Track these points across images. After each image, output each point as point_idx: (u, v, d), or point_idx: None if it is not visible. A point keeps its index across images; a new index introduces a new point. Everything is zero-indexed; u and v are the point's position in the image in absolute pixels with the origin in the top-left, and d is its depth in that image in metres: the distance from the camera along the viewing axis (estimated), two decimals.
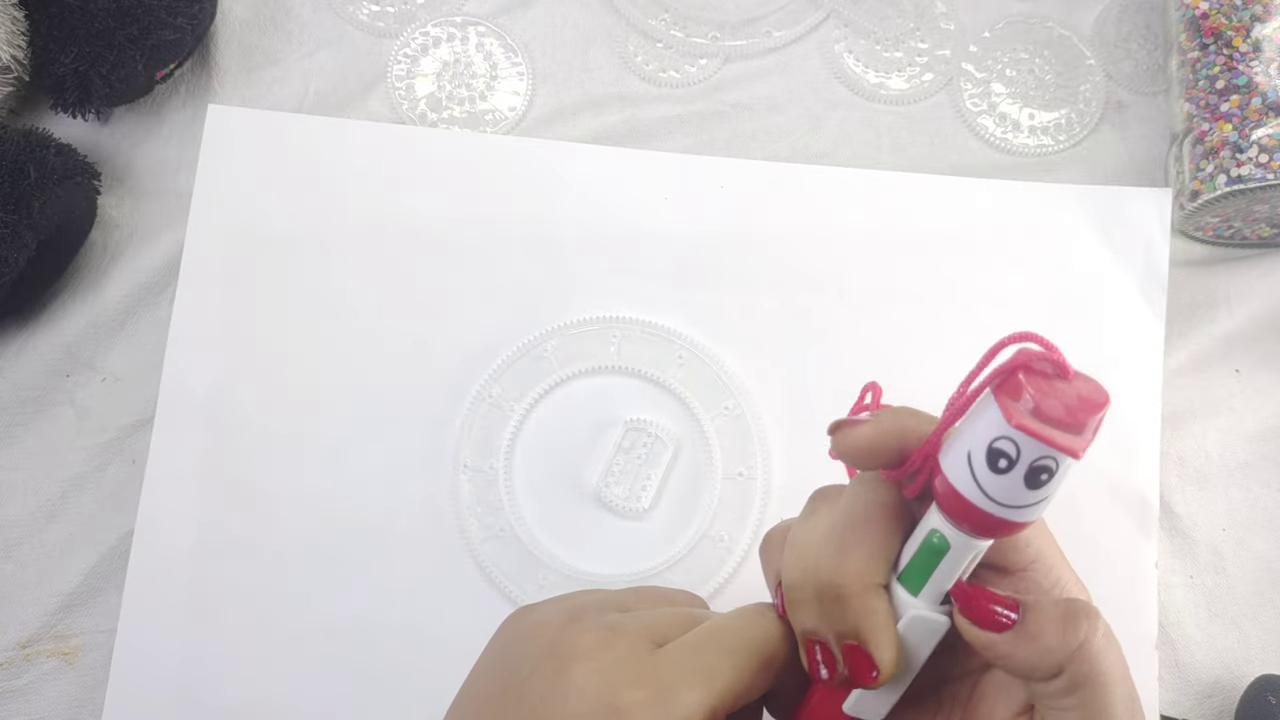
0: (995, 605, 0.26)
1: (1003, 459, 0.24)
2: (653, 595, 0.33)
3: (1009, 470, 0.24)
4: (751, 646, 0.29)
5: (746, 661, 0.29)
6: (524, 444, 0.43)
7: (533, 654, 0.30)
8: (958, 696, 0.30)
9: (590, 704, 0.28)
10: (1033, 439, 0.23)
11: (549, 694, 0.29)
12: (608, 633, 0.29)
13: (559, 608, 0.31)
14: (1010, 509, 0.24)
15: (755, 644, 0.29)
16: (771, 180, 0.46)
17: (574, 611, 0.31)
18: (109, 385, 0.44)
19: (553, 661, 0.29)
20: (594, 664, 0.29)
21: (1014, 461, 0.24)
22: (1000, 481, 0.24)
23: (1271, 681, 0.40)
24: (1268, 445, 0.44)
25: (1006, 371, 0.24)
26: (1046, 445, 0.23)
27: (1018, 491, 0.24)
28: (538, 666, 0.29)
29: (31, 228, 0.41)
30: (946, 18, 0.49)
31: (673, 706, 0.28)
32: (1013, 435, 0.23)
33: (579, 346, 0.44)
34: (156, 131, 0.47)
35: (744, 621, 0.30)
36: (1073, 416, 0.23)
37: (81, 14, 0.43)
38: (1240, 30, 0.42)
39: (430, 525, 0.42)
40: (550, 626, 0.30)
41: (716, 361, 0.44)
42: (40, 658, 0.41)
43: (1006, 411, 0.23)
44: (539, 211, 0.45)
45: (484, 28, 0.48)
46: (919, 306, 0.45)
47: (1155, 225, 0.45)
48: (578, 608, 0.31)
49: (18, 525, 0.43)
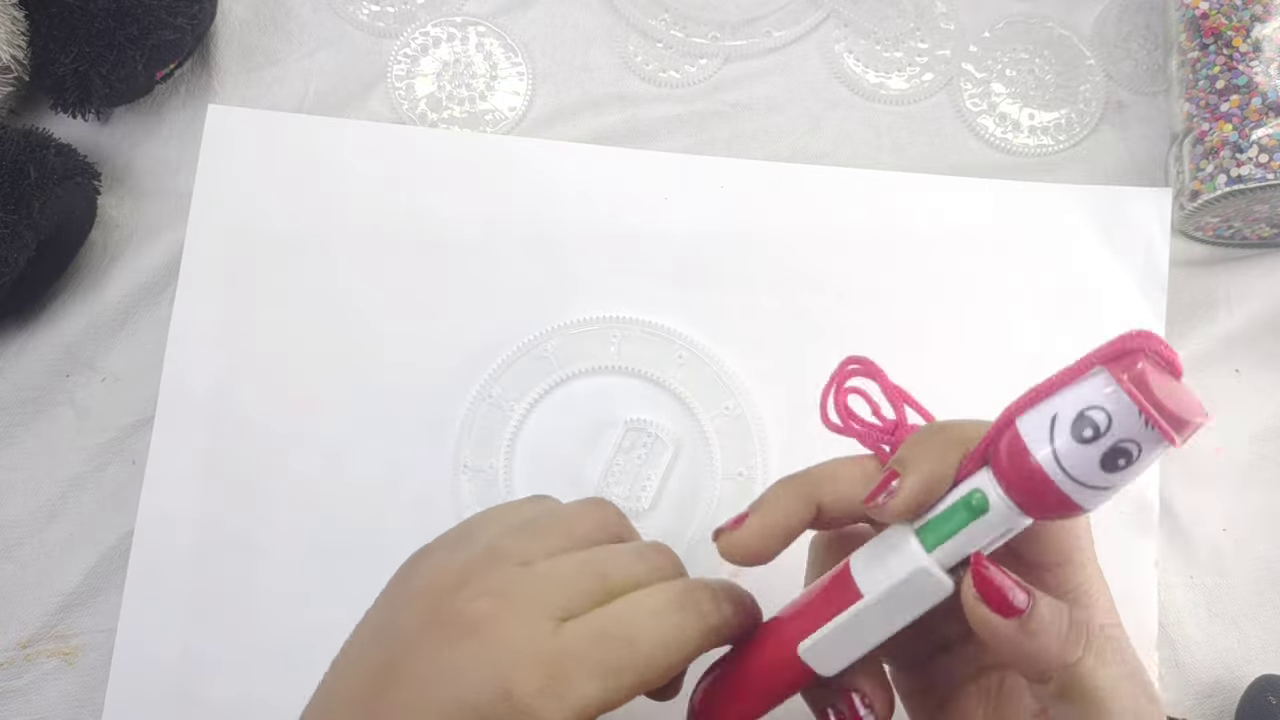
0: (1012, 588, 0.25)
1: (1090, 428, 0.23)
2: (584, 517, 0.30)
3: (1092, 441, 0.23)
4: (660, 641, 0.26)
5: (652, 657, 0.26)
6: (524, 444, 0.43)
7: (418, 625, 0.27)
8: (989, 689, 0.29)
9: (478, 689, 0.25)
10: (1136, 407, 0.22)
11: (433, 674, 0.26)
12: (501, 601, 0.27)
13: (452, 564, 0.29)
14: (1076, 486, 0.23)
15: (665, 639, 0.26)
16: (771, 180, 0.46)
17: (465, 571, 0.28)
18: (109, 385, 0.44)
19: (439, 634, 0.27)
20: (483, 641, 0.26)
21: (1100, 434, 0.23)
22: (1079, 452, 0.23)
23: (1271, 681, 0.40)
24: (1268, 445, 0.44)
25: (1120, 352, 0.23)
26: (1149, 418, 0.22)
27: (1091, 469, 0.23)
28: (422, 639, 0.27)
29: (31, 228, 0.41)
30: (946, 18, 0.49)
31: (569, 699, 0.25)
32: (1109, 406, 0.23)
33: (579, 346, 0.44)
34: (156, 131, 0.47)
35: (659, 610, 0.27)
36: (1178, 409, 0.22)
37: (81, 14, 0.43)
38: (1240, 30, 0.42)
39: (430, 525, 0.42)
40: (438, 591, 0.28)
41: (716, 361, 0.44)
42: (40, 658, 0.41)
43: (1118, 377, 0.22)
44: (539, 211, 0.45)
45: (484, 28, 0.48)
46: (919, 306, 0.45)
47: (1155, 225, 0.45)
48: (470, 566, 0.28)
49: (18, 525, 0.43)
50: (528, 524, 0.30)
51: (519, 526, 0.30)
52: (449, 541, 0.30)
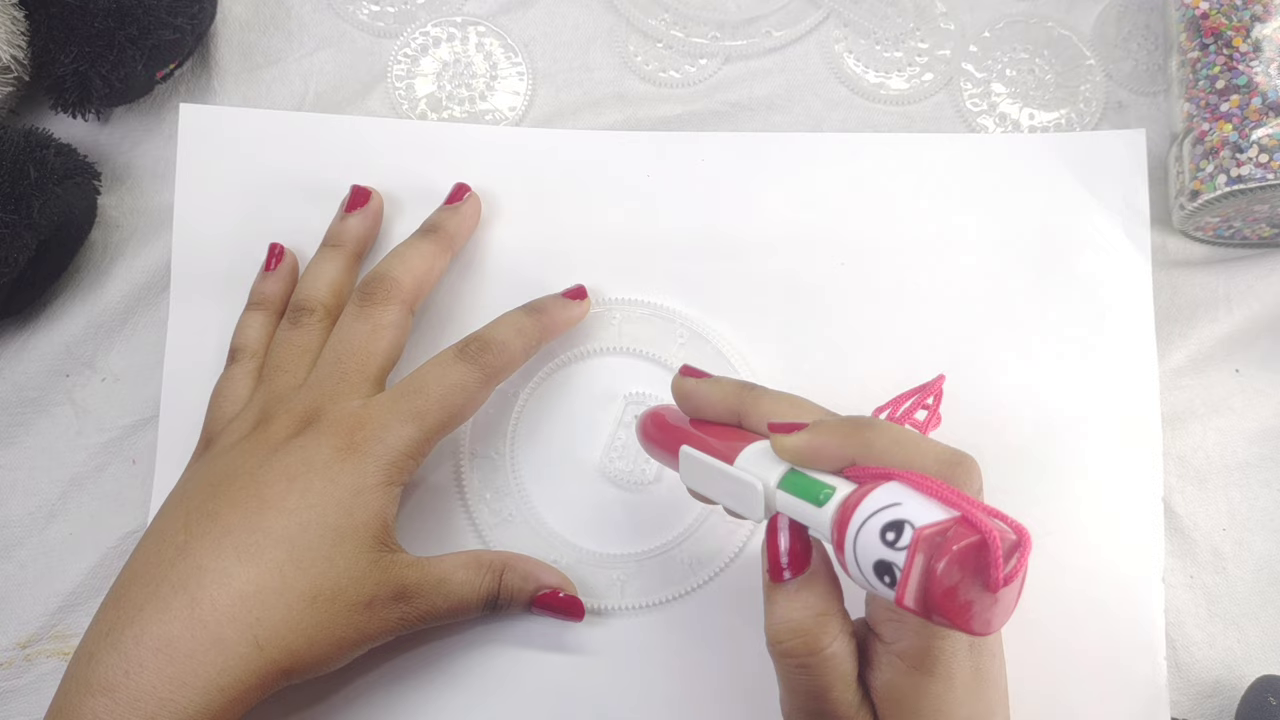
0: (778, 558, 0.29)
1: (891, 532, 0.25)
2: None
3: (892, 545, 0.24)
4: (446, 385, 0.37)
5: (444, 398, 0.37)
6: (528, 427, 0.43)
7: (252, 448, 0.36)
8: None
9: (326, 447, 0.35)
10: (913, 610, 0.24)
11: (290, 463, 0.35)
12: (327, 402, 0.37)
13: (229, 440, 0.38)
14: (856, 572, 0.26)
15: (449, 382, 0.37)
16: (750, 150, 0.46)
17: (264, 413, 0.38)
18: (109, 385, 0.44)
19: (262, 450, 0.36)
20: (314, 429, 0.36)
21: (896, 544, 0.24)
22: (871, 550, 0.25)
23: (1272, 682, 0.40)
24: (1268, 445, 0.44)
25: (948, 517, 0.25)
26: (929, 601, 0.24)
27: (868, 574, 0.25)
28: (256, 447, 0.36)
29: (31, 228, 0.41)
30: (946, 18, 0.49)
31: (388, 440, 0.36)
32: (900, 562, 0.24)
33: (580, 328, 0.44)
34: (156, 131, 0.47)
35: (441, 363, 0.38)
36: (957, 604, 0.24)
37: (81, 14, 0.43)
38: (1240, 30, 0.42)
39: (440, 514, 0.42)
40: (248, 451, 0.36)
41: (717, 337, 0.44)
42: (40, 658, 0.41)
43: (908, 575, 0.24)
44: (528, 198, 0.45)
45: (484, 28, 0.48)
46: (906, 262, 0.45)
47: (1132, 166, 0.46)
48: (266, 416, 0.38)
49: (18, 525, 0.43)
50: None
51: None
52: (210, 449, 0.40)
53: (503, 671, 0.40)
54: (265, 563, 0.33)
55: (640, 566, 0.42)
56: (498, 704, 0.40)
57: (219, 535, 0.34)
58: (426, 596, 0.36)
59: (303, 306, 0.41)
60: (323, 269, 0.42)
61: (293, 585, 0.33)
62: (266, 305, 0.42)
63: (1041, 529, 0.42)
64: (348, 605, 0.34)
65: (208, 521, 0.34)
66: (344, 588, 0.34)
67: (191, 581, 0.33)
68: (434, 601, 0.36)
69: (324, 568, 0.34)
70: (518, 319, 0.40)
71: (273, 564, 0.33)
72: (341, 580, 0.34)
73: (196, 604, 0.32)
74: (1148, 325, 0.44)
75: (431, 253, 0.41)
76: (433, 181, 0.45)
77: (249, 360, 0.41)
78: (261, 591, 0.33)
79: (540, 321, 0.40)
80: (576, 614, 0.39)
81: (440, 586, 0.36)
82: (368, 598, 0.35)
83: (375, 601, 0.35)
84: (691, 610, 0.41)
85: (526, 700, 0.40)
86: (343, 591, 0.34)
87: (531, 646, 0.41)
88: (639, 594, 0.41)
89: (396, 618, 0.36)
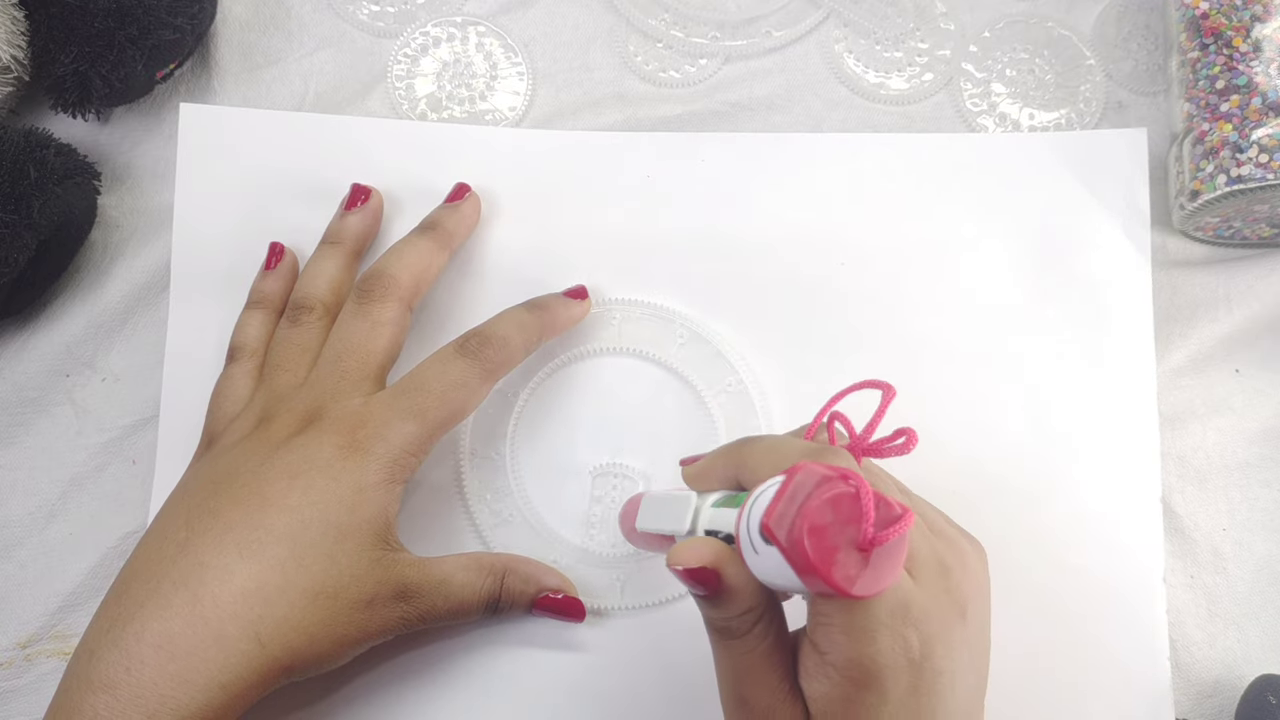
0: (702, 570, 0.28)
1: None
2: None
3: None
4: (446, 382, 0.37)
5: (445, 394, 0.37)
6: (528, 428, 0.43)
7: (253, 447, 0.36)
8: None
9: (328, 446, 0.35)
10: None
11: (290, 462, 0.35)
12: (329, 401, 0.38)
13: (238, 433, 0.38)
14: (750, 551, 0.26)
15: (450, 379, 0.37)
16: (749, 150, 0.46)
17: (265, 411, 0.38)
18: (109, 385, 0.44)
19: (265, 447, 0.36)
20: (316, 428, 0.36)
21: None
22: None
23: (1272, 681, 0.40)
24: (1268, 445, 0.44)
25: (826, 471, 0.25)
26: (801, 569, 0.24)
27: (760, 545, 0.26)
28: (258, 446, 0.36)
29: (31, 228, 0.41)
30: (946, 18, 0.49)
31: (390, 438, 0.36)
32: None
33: (580, 328, 0.44)
34: (156, 131, 0.47)
35: (442, 359, 0.38)
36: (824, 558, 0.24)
37: (81, 14, 0.43)
38: (1240, 30, 0.42)
39: (440, 515, 0.42)
40: (252, 443, 0.37)
41: (717, 338, 0.44)
42: (40, 658, 0.41)
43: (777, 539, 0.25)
44: (531, 198, 0.45)
45: (484, 28, 0.48)
46: (905, 263, 0.45)
47: (1133, 165, 0.46)
48: (267, 415, 0.38)
49: (18, 525, 0.43)
50: None
51: None
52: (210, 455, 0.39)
53: (503, 671, 0.40)
54: (267, 560, 0.33)
55: (640, 566, 0.42)
56: (498, 704, 0.40)
57: (220, 532, 0.34)
58: (427, 596, 0.36)
59: (302, 305, 0.41)
60: (322, 267, 0.42)
61: (294, 582, 0.33)
62: (266, 304, 0.42)
63: (1041, 529, 0.42)
64: (349, 603, 0.34)
65: (209, 519, 0.34)
66: (345, 585, 0.34)
67: (193, 578, 0.33)
68: (434, 602, 0.36)
69: (326, 565, 0.34)
70: (518, 315, 0.40)
71: (274, 561, 0.33)
72: (343, 578, 0.34)
73: (198, 601, 0.32)
74: (1147, 325, 0.44)
75: (429, 250, 0.41)
76: (432, 181, 0.45)
77: (249, 359, 0.41)
78: (263, 588, 0.33)
79: (541, 318, 0.40)
80: (577, 615, 0.39)
81: (441, 587, 0.36)
82: (369, 596, 0.35)
83: (376, 600, 0.35)
84: (691, 610, 0.41)
85: (526, 700, 0.40)
86: (344, 589, 0.34)
87: (531, 646, 0.41)
88: (639, 594, 0.41)
89: (397, 617, 0.36)
